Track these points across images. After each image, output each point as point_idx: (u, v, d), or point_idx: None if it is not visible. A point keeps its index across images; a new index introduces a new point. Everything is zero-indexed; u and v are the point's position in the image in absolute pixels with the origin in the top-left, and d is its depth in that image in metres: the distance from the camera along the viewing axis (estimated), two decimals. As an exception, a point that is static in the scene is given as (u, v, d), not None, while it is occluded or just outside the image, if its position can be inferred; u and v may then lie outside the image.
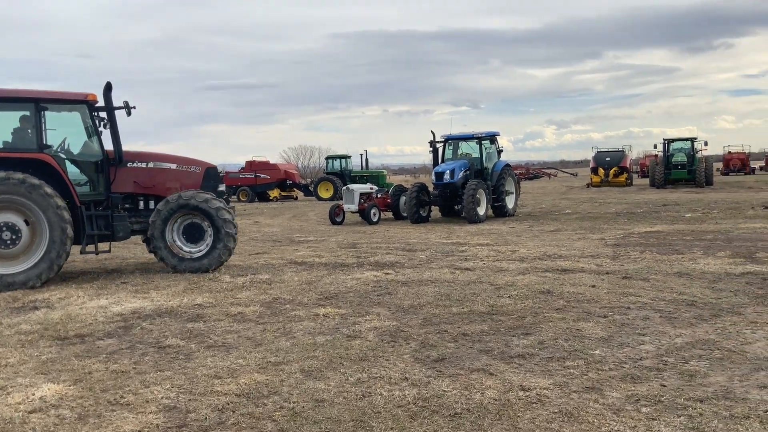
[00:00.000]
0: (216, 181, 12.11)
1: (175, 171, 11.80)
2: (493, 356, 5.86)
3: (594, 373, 5.28)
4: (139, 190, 11.66)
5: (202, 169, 11.97)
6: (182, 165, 11.86)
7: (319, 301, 8.67)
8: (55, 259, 10.52)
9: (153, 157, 11.84)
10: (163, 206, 11.12)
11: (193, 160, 12.16)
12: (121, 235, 11.29)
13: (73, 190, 10.96)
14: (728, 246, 12.86)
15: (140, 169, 11.62)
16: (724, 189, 35.82)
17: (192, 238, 11.29)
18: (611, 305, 7.80)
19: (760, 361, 5.47)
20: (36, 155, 10.80)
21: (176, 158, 11.96)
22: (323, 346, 6.35)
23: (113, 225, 11.19)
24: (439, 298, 8.54)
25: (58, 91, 11.42)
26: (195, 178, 11.86)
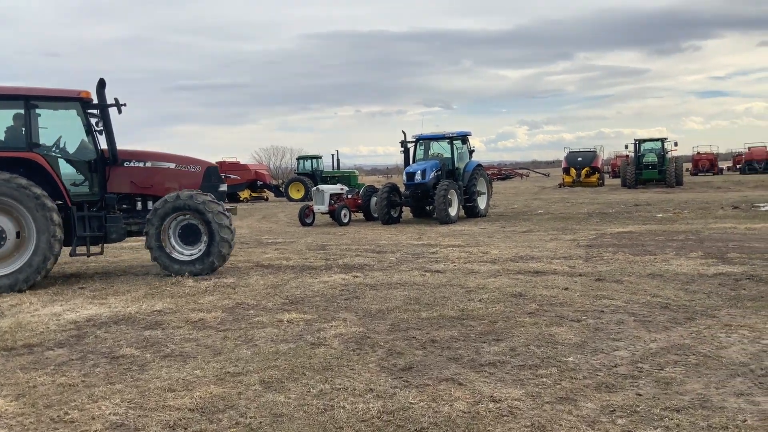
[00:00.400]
0: (217, 181, 11.73)
1: (174, 171, 11.41)
2: (463, 364, 5.62)
3: (567, 382, 5.05)
4: (136, 190, 11.32)
5: (203, 169, 11.58)
6: (182, 164, 11.48)
7: (284, 306, 8.36)
8: (41, 262, 10.13)
9: (151, 156, 11.45)
10: (160, 206, 10.72)
11: (193, 159, 11.77)
12: (115, 236, 10.94)
13: (65, 191, 10.61)
14: (700, 246, 12.81)
15: (137, 169, 11.26)
16: (694, 189, 36.16)
17: (188, 240, 10.89)
18: (584, 309, 7.61)
19: (736, 366, 5.29)
20: (25, 154, 10.45)
21: (175, 157, 11.57)
22: (285, 355, 6.05)
23: (106, 226, 10.85)
24: (408, 302, 8.28)
25: (50, 89, 11.03)
26: (195, 178, 11.46)
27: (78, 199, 10.81)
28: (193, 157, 11.83)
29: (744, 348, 5.79)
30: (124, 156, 11.19)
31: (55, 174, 10.50)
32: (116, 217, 10.96)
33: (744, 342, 5.99)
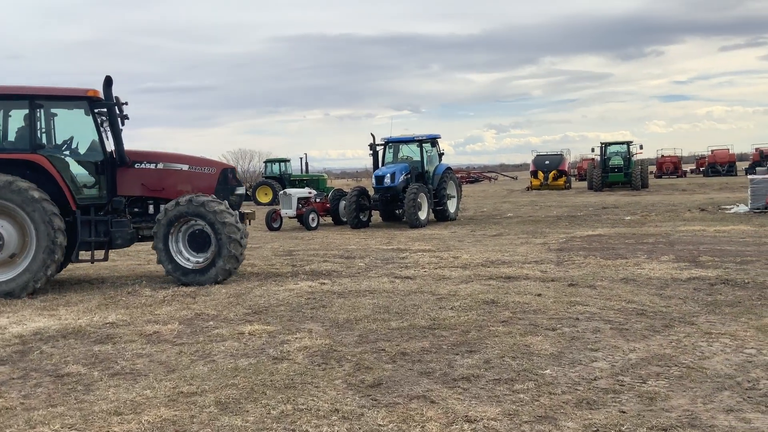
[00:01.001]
0: (233, 183, 11.09)
1: (187, 173, 10.78)
2: (435, 379, 5.27)
3: (546, 398, 4.74)
4: (147, 193, 10.74)
5: (218, 171, 10.92)
6: (195, 166, 10.84)
7: (247, 316, 7.93)
8: (40, 268, 9.66)
9: (163, 157, 10.85)
10: (167, 210, 10.15)
11: (208, 160, 11.18)
12: (120, 242, 10.39)
13: (69, 194, 10.10)
14: (671, 249, 12.68)
15: (149, 171, 10.68)
16: (660, 192, 36.47)
17: (198, 247, 10.27)
18: (559, 316, 7.34)
19: (722, 378, 5.04)
20: (28, 156, 10.00)
21: (189, 159, 10.96)
22: (245, 372, 5.64)
23: (111, 231, 10.27)
24: (377, 310, 7.92)
25: (56, 87, 10.55)
26: (209, 181, 10.80)
27: (84, 202, 10.30)
28: (207, 159, 11.26)
29: (728, 358, 5.55)
30: (135, 157, 10.64)
31: (59, 176, 9.98)
32: (123, 222, 10.40)
33: (727, 351, 5.75)
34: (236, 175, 11.33)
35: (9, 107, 10.32)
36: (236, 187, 11.10)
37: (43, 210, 9.55)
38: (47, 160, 9.95)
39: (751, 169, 58.14)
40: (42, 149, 10.08)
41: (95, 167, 10.48)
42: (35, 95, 10.14)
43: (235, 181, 11.15)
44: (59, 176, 9.97)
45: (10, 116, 10.32)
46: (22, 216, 9.60)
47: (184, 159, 10.93)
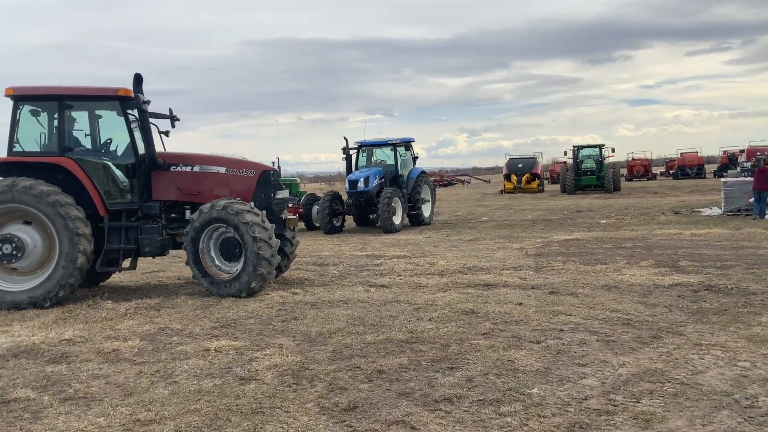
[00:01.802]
0: (273, 187, 10.23)
1: (225, 176, 10.05)
2: (415, 401, 4.90)
3: (535, 422, 4.40)
4: (183, 197, 10.05)
5: (256, 173, 10.10)
6: (233, 168, 10.10)
7: (213, 330, 7.49)
8: (63, 276, 9.13)
9: (199, 159, 10.16)
10: (196, 216, 9.40)
11: (246, 162, 10.41)
12: (149, 249, 9.73)
13: (98, 198, 9.54)
14: (650, 254, 12.48)
15: (184, 174, 10.03)
16: (632, 194, 36.59)
17: (228, 255, 9.50)
18: (542, 327, 7.02)
19: (718, 396, 4.75)
20: (55, 159, 9.53)
21: (226, 160, 10.28)
22: (209, 394, 5.21)
23: (140, 238, 9.67)
24: (351, 322, 7.53)
25: (86, 87, 10.00)
26: (247, 184, 10.04)
27: (115, 207, 9.73)
28: (246, 160, 10.54)
29: (722, 373, 5.26)
30: (171, 160, 10.03)
31: (87, 180, 9.45)
32: (152, 228, 9.73)
33: (720, 365, 5.47)
34: (276, 178, 10.49)
35: (41, 108, 9.83)
36: (276, 191, 10.26)
37: (65, 215, 9.03)
38: (75, 164, 9.43)
39: (719, 172, 59.07)
40: (71, 152, 9.59)
41: (127, 170, 9.88)
42: (64, 95, 9.63)
43: (274, 185, 10.29)
44: (88, 180, 9.44)
45: (38, 117, 9.82)
46: (46, 222, 9.13)
47: (222, 161, 10.24)
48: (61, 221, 9.02)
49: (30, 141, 9.78)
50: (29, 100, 9.75)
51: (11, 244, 9.17)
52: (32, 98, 9.77)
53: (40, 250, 9.28)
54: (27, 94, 9.74)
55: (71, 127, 9.97)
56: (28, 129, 9.77)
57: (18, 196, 9.10)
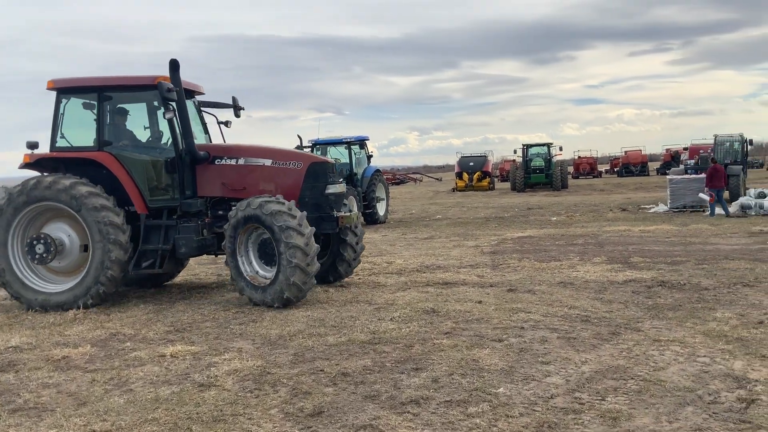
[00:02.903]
0: (324, 180, 9.10)
1: (270, 169, 9.09)
2: (381, 404, 4.82)
3: (504, 423, 4.36)
4: (228, 193, 9.21)
5: (304, 166, 9.02)
6: (279, 161, 9.09)
7: (168, 335, 7.27)
8: (95, 280, 8.61)
9: (245, 151, 9.29)
10: (233, 215, 8.53)
11: (294, 153, 9.53)
12: (184, 250, 8.95)
13: (136, 195, 8.93)
14: (601, 251, 12.69)
15: (229, 168, 9.19)
16: (579, 192, 37.29)
17: (268, 260, 8.51)
18: (503, 325, 7.02)
19: (682, 392, 4.80)
20: (92, 154, 9.00)
21: (273, 152, 9.26)
22: (167, 402, 5.02)
23: (175, 238, 8.95)
24: (311, 324, 7.41)
25: (123, 76, 9.38)
26: (294, 178, 9.00)
27: (155, 204, 9.10)
28: (294, 151, 9.69)
29: (683, 368, 5.34)
30: (215, 152, 9.26)
31: (126, 176, 8.89)
32: (189, 227, 8.95)
33: (680, 360, 5.55)
34: (331, 170, 9.31)
35: (82, 100, 9.32)
36: (327, 185, 9.08)
37: (96, 212, 8.54)
38: (114, 159, 8.91)
39: (662, 169, 60.79)
40: (110, 146, 9.06)
41: (167, 165, 9.15)
42: (103, 86, 9.11)
43: (324, 179, 9.12)
44: (126, 176, 8.89)
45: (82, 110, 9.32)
46: (80, 221, 8.69)
47: (268, 152, 9.23)
48: (93, 220, 8.53)
49: (76, 135, 9.27)
50: (71, 93, 9.26)
51: (44, 244, 8.72)
52: (73, 90, 9.25)
53: (76, 250, 8.85)
54: (67, 87, 9.23)
55: (118, 120, 9.44)
56: (73, 122, 9.30)
57: (49, 193, 8.66)
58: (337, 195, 9.19)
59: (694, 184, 22.03)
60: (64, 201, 8.64)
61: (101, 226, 8.53)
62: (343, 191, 9.37)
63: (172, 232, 8.98)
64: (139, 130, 9.72)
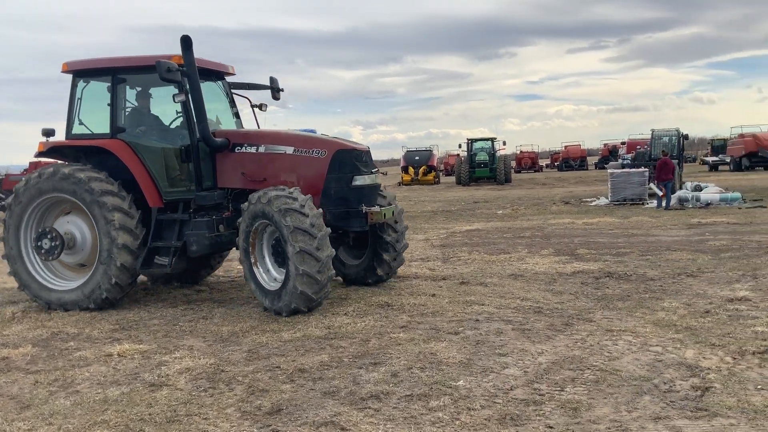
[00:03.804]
0: (351, 171, 7.95)
1: (291, 157, 8.06)
2: (341, 400, 4.73)
3: (466, 416, 4.34)
4: (248, 185, 8.22)
5: (329, 154, 7.91)
6: (301, 148, 8.02)
7: (114, 333, 7.01)
8: (103, 276, 7.93)
9: (265, 137, 8.35)
10: (245, 207, 7.66)
11: (319, 140, 8.28)
12: (195, 248, 8.08)
13: (149, 187, 8.20)
14: (548, 243, 12.89)
15: (249, 156, 8.25)
16: (522, 186, 37.92)
17: (281, 260, 7.53)
18: (458, 318, 7.02)
19: (638, 381, 4.87)
20: (103, 142, 8.33)
21: (295, 138, 8.25)
22: (117, 404, 4.82)
23: (186, 234, 8.13)
24: (264, 320, 7.26)
25: (136, 56, 8.49)
26: (318, 168, 7.92)
27: (171, 197, 8.33)
28: (319, 138, 8.49)
29: (637, 358, 5.42)
30: (236, 139, 8.37)
31: (138, 166, 8.17)
32: (201, 222, 8.13)
33: (633, 350, 5.64)
34: (360, 159, 8.12)
35: (97, 84, 8.64)
36: (354, 176, 7.96)
37: (101, 205, 7.88)
38: (127, 147, 8.20)
39: (600, 164, 62.38)
40: (124, 133, 8.35)
41: (182, 154, 8.34)
42: (117, 68, 8.39)
43: (351, 168, 7.96)
44: (138, 166, 8.17)
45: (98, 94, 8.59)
46: (87, 213, 8.08)
47: (290, 139, 8.24)
48: (99, 213, 7.91)
49: (99, 121, 8.54)
50: (86, 76, 8.60)
51: (50, 239, 8.16)
52: (88, 73, 8.58)
53: (90, 245, 8.25)
54: (81, 69, 8.56)
55: (142, 104, 8.81)
56: (96, 107, 8.58)
57: (59, 184, 8.09)
58: (366, 187, 8.06)
59: (635, 177, 22.65)
60: (68, 190, 8.06)
61: (104, 212, 7.87)
62: (375, 183, 8.25)
63: (186, 228, 8.19)
64: (169, 115, 8.87)
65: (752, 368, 5.03)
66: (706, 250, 11.07)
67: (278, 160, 8.12)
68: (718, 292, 7.83)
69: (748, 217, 16.38)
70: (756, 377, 4.84)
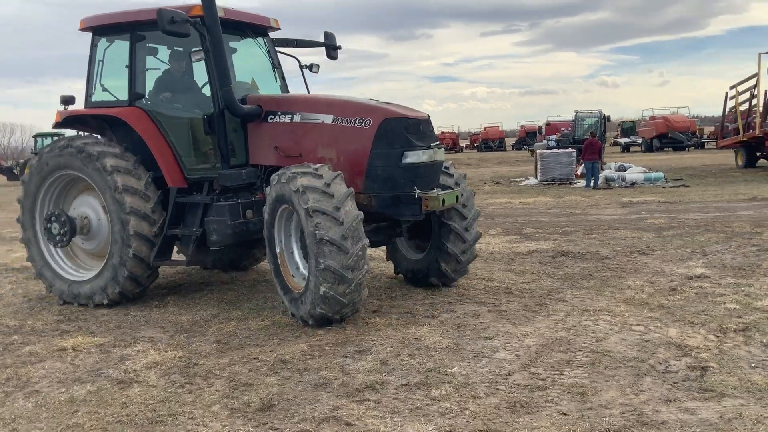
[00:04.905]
0: (401, 145, 6.26)
1: (330, 128, 6.52)
2: (335, 392, 4.45)
3: (473, 405, 4.15)
4: (282, 161, 6.70)
5: (374, 123, 6.28)
6: (342, 117, 6.46)
7: (60, 324, 6.45)
8: (118, 266, 6.80)
9: (302, 104, 6.84)
10: (268, 191, 6.30)
11: (362, 105, 6.54)
12: (216, 238, 6.79)
13: (170, 164, 6.99)
14: (494, 223, 12.92)
15: (283, 127, 6.79)
16: (449, 166, 38.11)
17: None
18: (429, 300, 6.84)
19: (633, 363, 4.81)
20: (117, 111, 7.17)
21: (335, 105, 6.63)
22: (87, 405, 4.36)
23: (205, 221, 6.89)
24: (224, 307, 6.86)
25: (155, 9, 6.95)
26: (361, 141, 6.32)
27: (194, 176, 7.13)
28: (365, 103, 6.62)
29: (623, 338, 5.38)
30: (269, 106, 6.91)
31: (159, 137, 7.02)
32: (222, 207, 6.79)
33: (616, 330, 5.60)
34: (417, 130, 6.40)
35: (118, 43, 7.41)
36: (405, 152, 6.27)
37: (113, 185, 6.76)
38: (144, 116, 7.07)
39: (518, 145, 63.84)
40: (141, 100, 7.22)
41: (205, 124, 6.97)
42: (136, 22, 7.11)
43: (403, 142, 6.27)
44: (159, 138, 7.02)
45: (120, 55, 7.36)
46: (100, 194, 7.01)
47: (329, 105, 6.64)
48: (110, 194, 6.82)
49: (121, 87, 7.35)
50: (106, 33, 7.42)
51: (60, 223, 7.18)
52: (108, 30, 7.38)
53: (108, 230, 7.12)
54: (99, 25, 7.37)
55: (175, 66, 7.54)
56: (116, 70, 7.38)
57: (69, 160, 7.04)
58: (421, 166, 6.38)
59: (563, 158, 23.15)
60: (77, 167, 7.03)
61: (115, 193, 6.75)
62: (433, 160, 6.52)
63: (212, 212, 6.91)
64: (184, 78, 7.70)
65: (739, 346, 5.08)
66: (647, 228, 11.34)
67: (315, 132, 6.62)
68: (674, 269, 7.97)
69: (674, 195, 17.00)
70: (746, 355, 4.88)
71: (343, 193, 5.79)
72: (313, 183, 5.77)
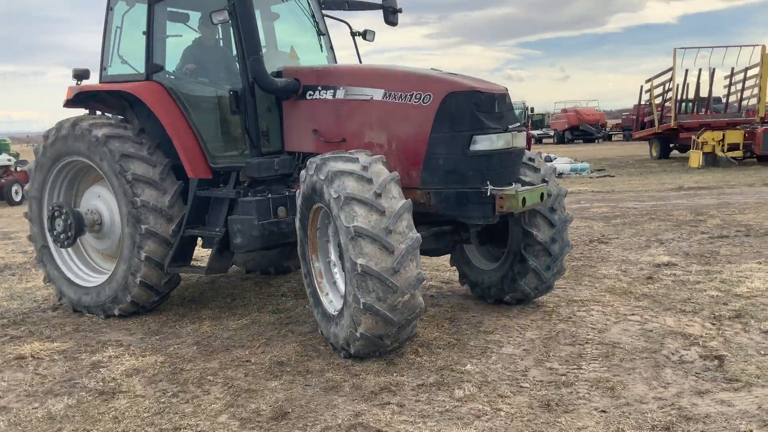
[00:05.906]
0: (473, 125, 4.89)
1: (381, 105, 5.19)
2: (350, 396, 4.11)
3: (506, 405, 3.91)
4: (321, 148, 5.40)
5: (435, 99, 4.92)
6: (395, 92, 5.12)
7: (6, 329, 5.80)
8: (127, 273, 5.78)
9: (345, 75, 5.56)
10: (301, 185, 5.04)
11: (422, 77, 5.20)
12: (240, 240, 5.60)
13: (186, 147, 5.88)
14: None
15: (323, 105, 5.52)
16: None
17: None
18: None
19: (646, 354, 4.70)
20: (130, 86, 6.06)
21: (387, 76, 5.32)
22: (71, 422, 3.84)
23: (228, 220, 5.70)
24: (191, 307, 6.36)
25: None
26: (419, 122, 4.99)
27: (221, 164, 5.97)
28: (423, 73, 5.28)
29: (624, 329, 5.27)
30: (307, 80, 5.64)
31: (179, 116, 5.89)
32: (248, 203, 5.56)
33: (613, 321, 5.50)
34: (491, 108, 4.97)
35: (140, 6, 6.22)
36: (475, 136, 4.89)
37: (122, 173, 5.71)
38: (162, 91, 5.95)
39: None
40: (160, 73, 6.09)
41: (232, 102, 5.68)
42: None
43: (475, 122, 4.90)
44: (178, 118, 5.92)
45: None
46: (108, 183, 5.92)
47: (379, 77, 5.35)
48: (119, 184, 5.78)
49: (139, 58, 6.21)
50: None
51: (63, 219, 6.13)
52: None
53: (118, 227, 6.09)
54: None
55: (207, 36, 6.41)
56: (135, 41, 6.23)
57: (74, 144, 6.01)
58: (495, 155, 5.00)
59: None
60: (82, 152, 6.02)
61: (126, 184, 5.72)
62: (512, 147, 5.11)
63: (238, 209, 5.73)
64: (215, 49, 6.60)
65: (740, 333, 5.08)
66: (594, 218, 11.48)
67: (361, 111, 5.35)
68: (639, 258, 8.03)
69: (604, 185, 17.43)
70: (750, 342, 4.88)
71: (386, 178, 4.51)
72: (347, 166, 4.55)
